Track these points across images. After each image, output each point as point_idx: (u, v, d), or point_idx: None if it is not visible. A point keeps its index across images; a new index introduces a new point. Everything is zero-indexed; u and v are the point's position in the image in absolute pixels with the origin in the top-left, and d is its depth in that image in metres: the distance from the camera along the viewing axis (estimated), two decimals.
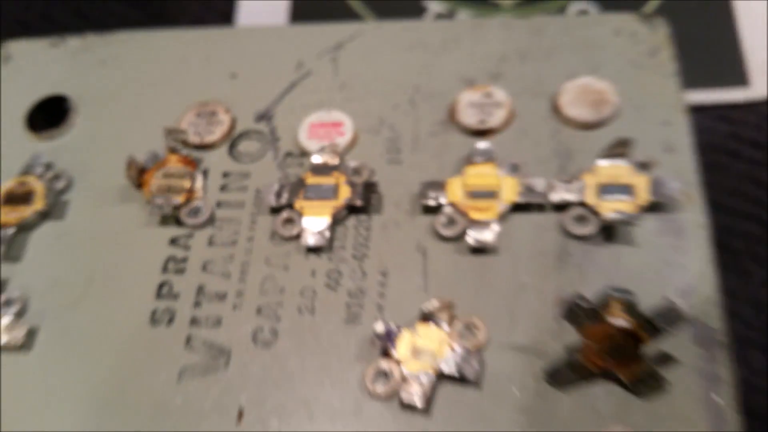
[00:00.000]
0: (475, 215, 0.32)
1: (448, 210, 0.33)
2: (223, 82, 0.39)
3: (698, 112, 0.52)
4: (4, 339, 0.32)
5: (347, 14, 0.50)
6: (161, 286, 0.33)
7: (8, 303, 0.33)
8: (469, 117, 0.36)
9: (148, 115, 0.38)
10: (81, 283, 0.33)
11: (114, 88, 0.40)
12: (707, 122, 0.51)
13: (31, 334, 0.32)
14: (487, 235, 0.32)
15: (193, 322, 0.32)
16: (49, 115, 0.39)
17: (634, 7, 0.43)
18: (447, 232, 0.33)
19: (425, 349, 0.29)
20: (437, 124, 0.36)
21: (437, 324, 0.30)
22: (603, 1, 0.52)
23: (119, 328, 0.32)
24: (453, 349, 0.29)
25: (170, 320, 0.32)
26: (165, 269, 0.33)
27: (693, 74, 0.51)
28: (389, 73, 0.38)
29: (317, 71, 0.39)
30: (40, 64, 0.42)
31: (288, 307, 0.32)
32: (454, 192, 0.33)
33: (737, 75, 0.51)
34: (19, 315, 0.33)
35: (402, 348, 0.29)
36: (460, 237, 0.33)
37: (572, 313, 0.28)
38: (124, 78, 0.40)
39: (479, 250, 0.32)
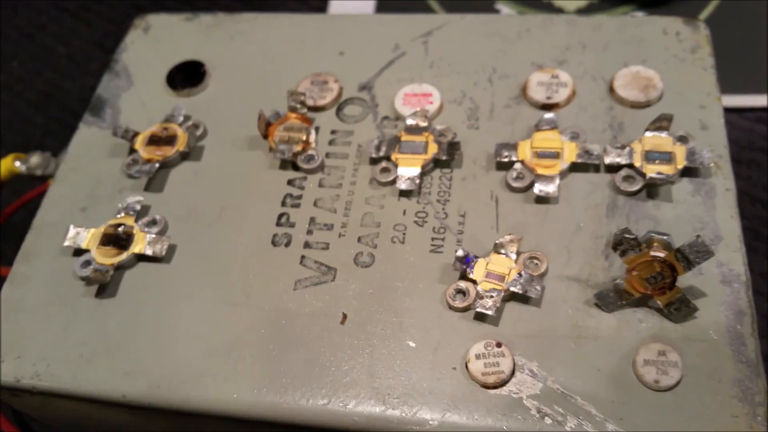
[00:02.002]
0: (541, 171, 0.36)
1: (518, 166, 0.37)
2: (333, 58, 0.44)
3: (738, 114, 0.55)
4: (149, 251, 0.36)
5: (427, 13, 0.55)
6: (280, 216, 0.37)
7: (152, 223, 0.38)
8: (538, 93, 0.40)
9: (270, 81, 0.43)
10: (214, 211, 0.38)
11: (242, 58, 0.44)
12: (747, 124, 0.54)
13: (170, 249, 0.37)
14: (551, 188, 0.36)
15: (306, 245, 0.36)
16: (186, 77, 0.44)
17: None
18: (517, 184, 0.37)
19: (497, 273, 0.33)
20: (510, 98, 0.40)
21: (507, 255, 0.34)
22: (658, 11, 0.56)
23: (245, 248, 0.37)
24: (520, 274, 0.33)
25: (288, 243, 0.37)
26: (284, 203, 0.38)
27: (735, 80, 0.54)
28: (471, 56, 0.42)
29: (411, 52, 0.43)
30: (176, 34, 0.46)
31: (383, 238, 0.36)
32: (524, 152, 0.37)
33: None
34: (161, 234, 0.37)
35: (478, 271, 0.34)
36: (527, 189, 0.37)
37: (619, 245, 0.31)
38: (251, 51, 0.45)
39: (543, 199, 0.36)
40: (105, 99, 0.44)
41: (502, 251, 0.34)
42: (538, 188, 0.36)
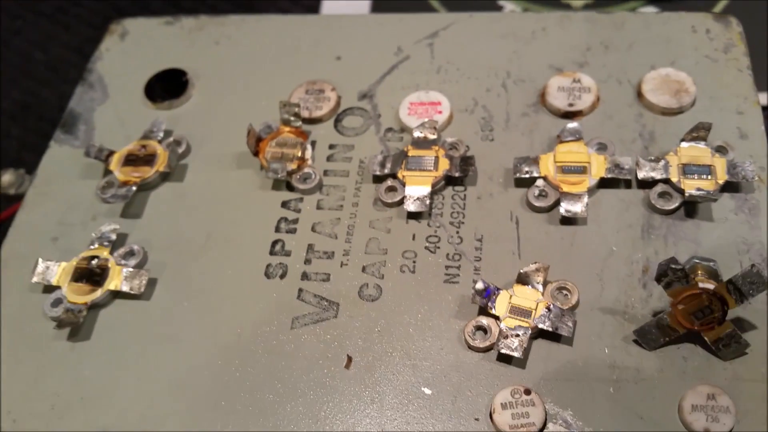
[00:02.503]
0: (567, 188, 0.32)
1: (540, 183, 0.33)
2: (329, 64, 0.39)
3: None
4: (126, 287, 0.32)
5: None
6: (274, 243, 0.33)
7: (129, 254, 0.33)
8: (558, 100, 0.35)
9: (260, 90, 0.39)
10: (199, 239, 0.34)
11: (228, 65, 0.40)
12: None
13: (150, 284, 0.33)
14: (578, 207, 0.32)
15: (304, 276, 0.32)
16: (167, 87, 0.39)
17: None
18: (539, 204, 0.32)
19: (522, 307, 0.29)
20: (527, 106, 0.36)
21: (532, 285, 0.30)
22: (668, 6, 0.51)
23: (236, 281, 0.32)
24: (548, 308, 0.29)
25: (283, 274, 0.32)
26: (278, 229, 0.34)
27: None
28: (482, 59, 0.38)
29: (415, 56, 0.39)
30: (155, 40, 0.42)
31: (391, 267, 0.32)
32: (547, 167, 0.33)
33: None
34: (139, 266, 0.33)
35: (500, 305, 0.29)
36: (551, 208, 0.33)
37: (664, 276, 0.27)
38: (238, 57, 0.40)
39: (570, 220, 0.32)
40: (78, 114, 0.40)
41: (527, 281, 0.30)
42: (564, 208, 0.32)
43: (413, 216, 0.33)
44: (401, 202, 0.33)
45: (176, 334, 0.31)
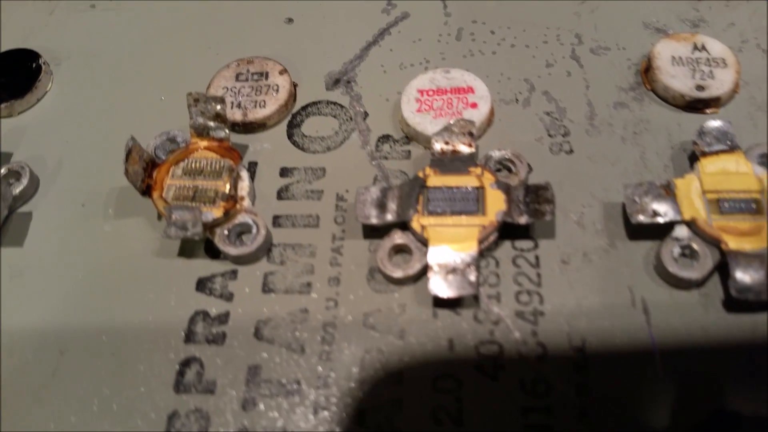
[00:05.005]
0: (735, 243, 0.15)
1: (683, 233, 0.16)
2: (274, 30, 0.22)
3: None
4: None
5: None
6: (184, 367, 0.16)
7: None
8: (678, 80, 0.19)
9: (159, 78, 0.21)
10: (45, 362, 0.16)
11: (107, 40, 0.22)
12: None
13: None
14: (760, 276, 0.15)
15: None
16: (7, 79, 0.21)
17: None
18: (686, 273, 0.16)
19: None
20: (622, 90, 0.19)
21: None
22: None
23: None
24: None
25: None
26: (190, 336, 0.16)
27: None
28: (532, 15, 0.21)
29: (417, 13, 0.22)
30: None
31: (413, 413, 0.15)
32: (691, 202, 0.16)
33: None
34: None
35: None
36: (705, 280, 0.16)
37: None
38: (124, 26, 0.22)
39: (744, 304, 0.15)
40: None
41: None
42: (738, 280, 0.15)
43: (445, 304, 0.16)
44: (421, 275, 0.16)
45: None
